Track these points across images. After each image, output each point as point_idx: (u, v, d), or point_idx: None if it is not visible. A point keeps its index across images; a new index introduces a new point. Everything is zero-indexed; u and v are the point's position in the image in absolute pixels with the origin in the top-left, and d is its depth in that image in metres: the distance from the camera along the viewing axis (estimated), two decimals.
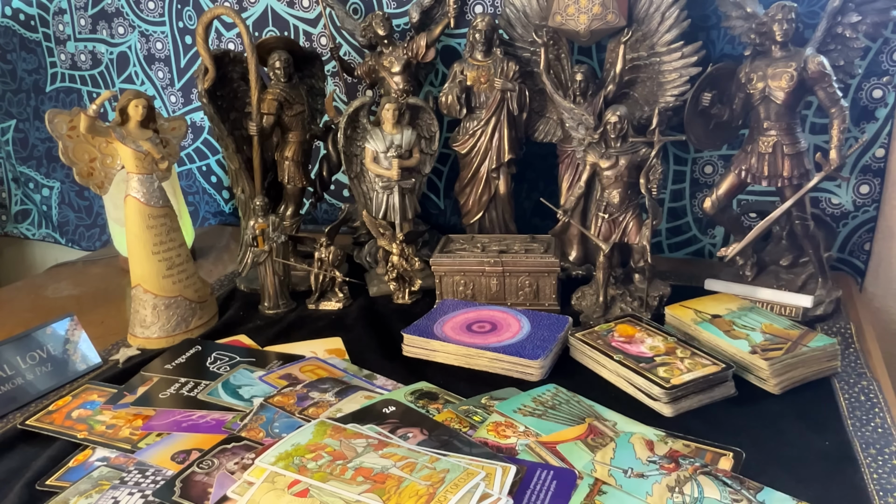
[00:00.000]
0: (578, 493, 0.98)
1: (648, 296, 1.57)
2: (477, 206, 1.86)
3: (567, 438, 1.11)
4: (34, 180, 2.77)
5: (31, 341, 1.41)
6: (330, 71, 2.05)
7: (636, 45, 1.66)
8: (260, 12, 2.17)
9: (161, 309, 1.55)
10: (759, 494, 0.97)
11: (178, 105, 2.42)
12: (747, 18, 1.51)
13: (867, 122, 1.70)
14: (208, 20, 1.68)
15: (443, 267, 1.67)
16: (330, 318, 1.67)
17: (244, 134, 1.79)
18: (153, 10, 2.33)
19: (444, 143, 1.96)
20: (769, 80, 1.44)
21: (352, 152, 1.79)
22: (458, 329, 1.47)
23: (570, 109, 1.66)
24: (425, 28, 1.89)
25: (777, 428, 1.17)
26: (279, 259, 1.70)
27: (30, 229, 2.87)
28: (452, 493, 0.92)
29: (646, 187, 1.51)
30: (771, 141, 1.48)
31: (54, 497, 1.05)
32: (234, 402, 1.27)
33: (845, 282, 1.73)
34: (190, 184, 2.51)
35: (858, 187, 1.75)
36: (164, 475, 1.07)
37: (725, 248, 1.59)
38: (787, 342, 1.31)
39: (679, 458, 1.05)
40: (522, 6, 1.75)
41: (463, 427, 1.15)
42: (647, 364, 1.28)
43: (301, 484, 0.96)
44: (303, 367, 1.39)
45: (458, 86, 1.76)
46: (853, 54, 1.48)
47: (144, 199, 1.51)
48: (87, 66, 2.52)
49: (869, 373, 1.32)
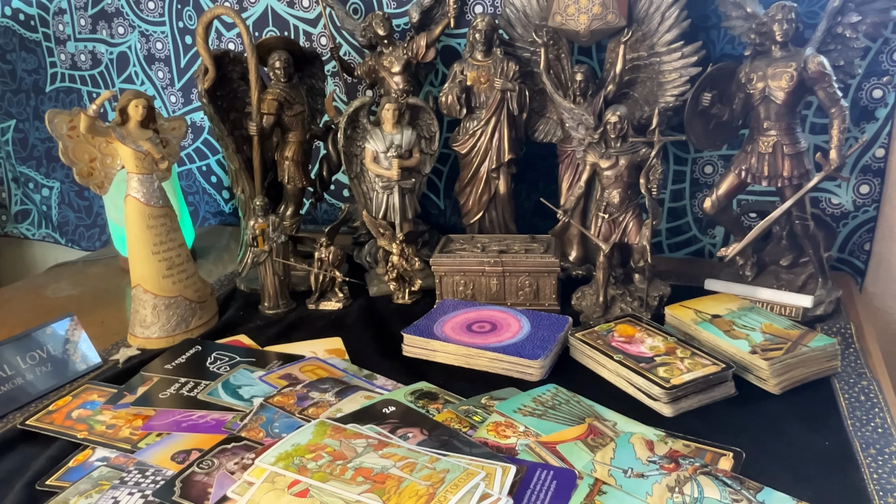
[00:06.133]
0: (578, 493, 0.98)
1: (648, 296, 1.57)
2: (477, 206, 1.86)
3: (567, 438, 1.11)
4: (34, 180, 2.77)
5: (31, 341, 1.41)
6: (330, 71, 2.05)
7: (636, 45, 1.66)
8: (260, 12, 2.17)
9: (161, 309, 1.55)
10: (759, 494, 0.97)
11: (178, 105, 2.42)
12: (747, 18, 1.51)
13: (867, 122, 1.70)
14: (208, 20, 1.68)
15: (443, 267, 1.67)
16: (330, 318, 1.67)
17: (244, 134, 1.79)
18: (153, 10, 2.33)
19: (444, 143, 1.96)
20: (769, 80, 1.44)
21: (352, 152, 1.79)
22: (458, 329, 1.47)
23: (570, 109, 1.66)
24: (425, 28, 1.89)
25: (777, 428, 1.17)
26: (279, 259, 1.70)
27: (30, 229, 2.87)
28: (452, 493, 0.92)
29: (646, 187, 1.51)
30: (771, 141, 1.48)
31: (54, 497, 1.04)
32: (234, 402, 1.27)
33: (845, 282, 1.73)
34: (190, 184, 2.51)
35: (858, 187, 1.75)
36: (164, 475, 1.07)
37: (725, 248, 1.59)
38: (787, 342, 1.31)
39: (679, 458, 1.05)
40: (522, 6, 1.75)
41: (463, 427, 1.15)
42: (647, 364, 1.28)
43: (301, 484, 0.96)
44: (303, 367, 1.39)
45: (458, 86, 1.76)
46: (853, 54, 1.48)
47: (144, 199, 1.51)
48: (87, 66, 2.52)
49: (869, 373, 1.32)
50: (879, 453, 1.08)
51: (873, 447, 1.10)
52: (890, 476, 1.03)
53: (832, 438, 1.13)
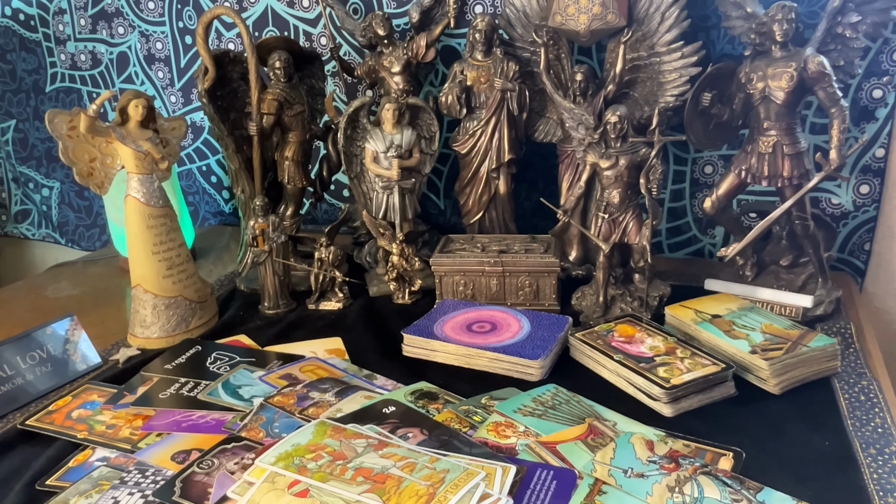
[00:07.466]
0: (578, 493, 0.98)
1: (648, 296, 1.57)
2: (477, 206, 1.86)
3: (567, 438, 1.11)
4: (34, 180, 2.77)
5: (31, 341, 1.41)
6: (330, 71, 2.05)
7: (636, 45, 1.66)
8: (260, 12, 2.17)
9: (161, 309, 1.55)
10: (759, 494, 0.97)
11: (178, 105, 2.42)
12: (747, 18, 1.51)
13: (867, 122, 1.70)
14: (208, 20, 1.68)
15: (443, 267, 1.67)
16: (330, 318, 1.67)
17: (244, 134, 1.79)
18: (153, 10, 2.33)
19: (444, 143, 1.96)
20: (769, 80, 1.44)
21: (352, 152, 1.79)
22: (458, 329, 1.47)
23: (570, 109, 1.66)
24: (425, 28, 1.89)
25: (777, 428, 1.17)
26: (279, 259, 1.70)
27: (30, 229, 2.87)
28: (452, 493, 0.92)
29: (646, 187, 1.51)
30: (771, 141, 1.48)
31: (54, 497, 1.04)
32: (234, 402, 1.27)
33: (845, 282, 1.73)
34: (190, 184, 2.51)
35: (858, 187, 1.75)
36: (164, 475, 1.07)
37: (725, 248, 1.59)
38: (787, 342, 1.31)
39: (679, 458, 1.05)
40: (522, 6, 1.75)
41: (463, 427, 1.15)
42: (647, 364, 1.28)
43: (301, 484, 0.96)
44: (303, 367, 1.39)
45: (458, 86, 1.76)
46: (853, 54, 1.48)
47: (144, 199, 1.51)
48: (87, 66, 2.52)
49: (869, 373, 1.32)
50: (879, 453, 1.08)
51: (873, 447, 1.10)
52: (890, 476, 1.03)
53: (832, 438, 1.13)
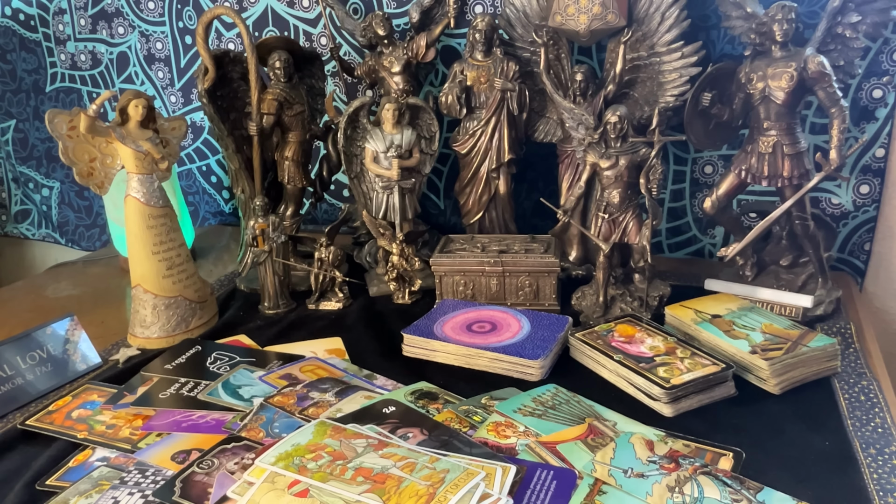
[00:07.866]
0: (578, 493, 0.98)
1: (648, 296, 1.57)
2: (477, 206, 1.86)
3: (567, 438, 1.11)
4: (34, 180, 2.77)
5: (31, 341, 1.41)
6: (330, 71, 2.05)
7: (636, 45, 1.66)
8: (260, 12, 2.17)
9: (161, 309, 1.55)
10: (759, 494, 0.97)
11: (178, 105, 2.42)
12: (747, 18, 1.51)
13: (867, 122, 1.70)
14: (208, 20, 1.68)
15: (443, 267, 1.67)
16: (330, 318, 1.67)
17: (244, 134, 1.79)
18: (153, 10, 2.33)
19: (444, 143, 1.96)
20: (769, 80, 1.44)
21: (352, 152, 1.79)
22: (458, 329, 1.47)
23: (570, 109, 1.66)
24: (425, 28, 1.89)
25: (777, 428, 1.17)
26: (279, 259, 1.70)
27: (30, 229, 2.87)
28: (452, 493, 0.92)
29: (646, 187, 1.51)
30: (771, 141, 1.48)
31: (54, 497, 1.04)
32: (234, 402, 1.27)
33: (845, 282, 1.73)
34: (190, 184, 2.51)
35: (858, 187, 1.75)
36: (164, 475, 1.07)
37: (725, 248, 1.59)
38: (787, 342, 1.31)
39: (679, 458, 1.05)
40: (522, 6, 1.75)
41: (463, 427, 1.15)
42: (647, 364, 1.28)
43: (301, 484, 0.96)
44: (303, 367, 1.39)
45: (458, 86, 1.76)
46: (853, 54, 1.48)
47: (144, 199, 1.51)
48: (87, 66, 2.52)
49: (869, 373, 1.32)
50: (879, 453, 1.08)
51: (873, 447, 1.10)
52: (890, 476, 1.03)
53: (832, 438, 1.13)
